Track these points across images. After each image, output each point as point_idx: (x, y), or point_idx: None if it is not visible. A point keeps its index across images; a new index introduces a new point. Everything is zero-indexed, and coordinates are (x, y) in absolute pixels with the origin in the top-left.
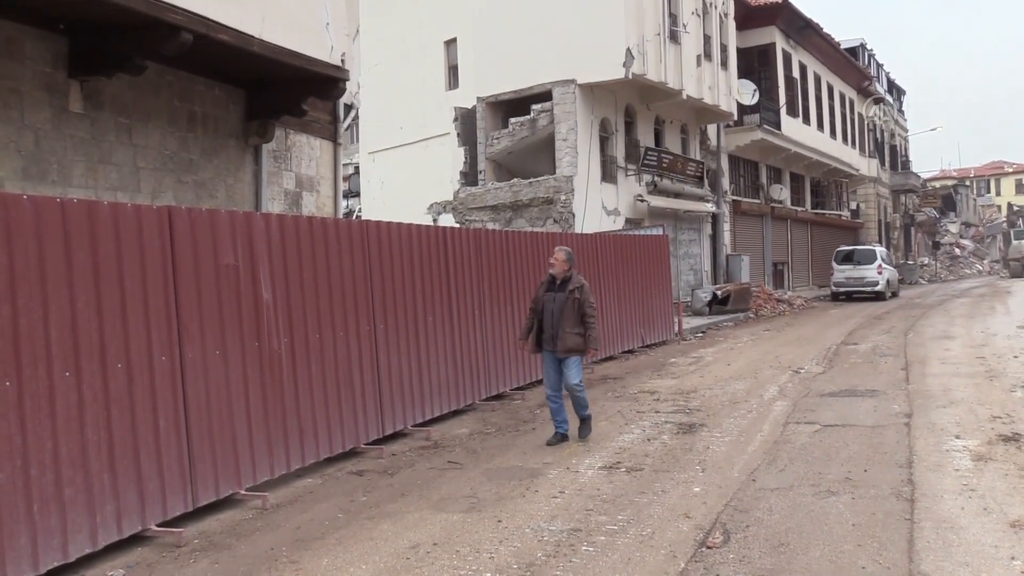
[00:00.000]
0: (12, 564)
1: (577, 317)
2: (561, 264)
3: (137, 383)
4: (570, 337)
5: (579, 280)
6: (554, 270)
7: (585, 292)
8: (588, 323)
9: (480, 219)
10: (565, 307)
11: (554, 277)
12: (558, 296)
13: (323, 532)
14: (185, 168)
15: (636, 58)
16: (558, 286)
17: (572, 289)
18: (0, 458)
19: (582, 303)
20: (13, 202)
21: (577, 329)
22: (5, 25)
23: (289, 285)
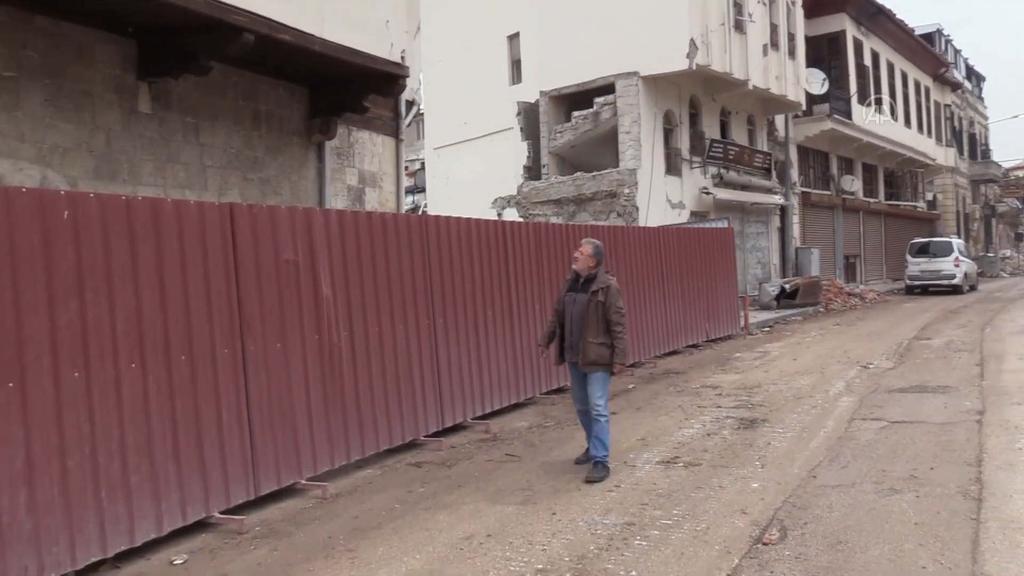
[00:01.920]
0: (81, 547)
1: (602, 324)
2: (586, 259)
3: (200, 375)
4: (592, 348)
5: (605, 280)
6: (577, 265)
7: (611, 295)
8: (614, 332)
9: (543, 213)
10: (587, 312)
11: (577, 274)
12: (579, 297)
13: (380, 522)
14: (250, 166)
15: (700, 49)
16: (581, 285)
17: (596, 290)
18: (70, 446)
19: (607, 308)
20: (80, 199)
21: (601, 339)
22: (77, 30)
23: (349, 279)
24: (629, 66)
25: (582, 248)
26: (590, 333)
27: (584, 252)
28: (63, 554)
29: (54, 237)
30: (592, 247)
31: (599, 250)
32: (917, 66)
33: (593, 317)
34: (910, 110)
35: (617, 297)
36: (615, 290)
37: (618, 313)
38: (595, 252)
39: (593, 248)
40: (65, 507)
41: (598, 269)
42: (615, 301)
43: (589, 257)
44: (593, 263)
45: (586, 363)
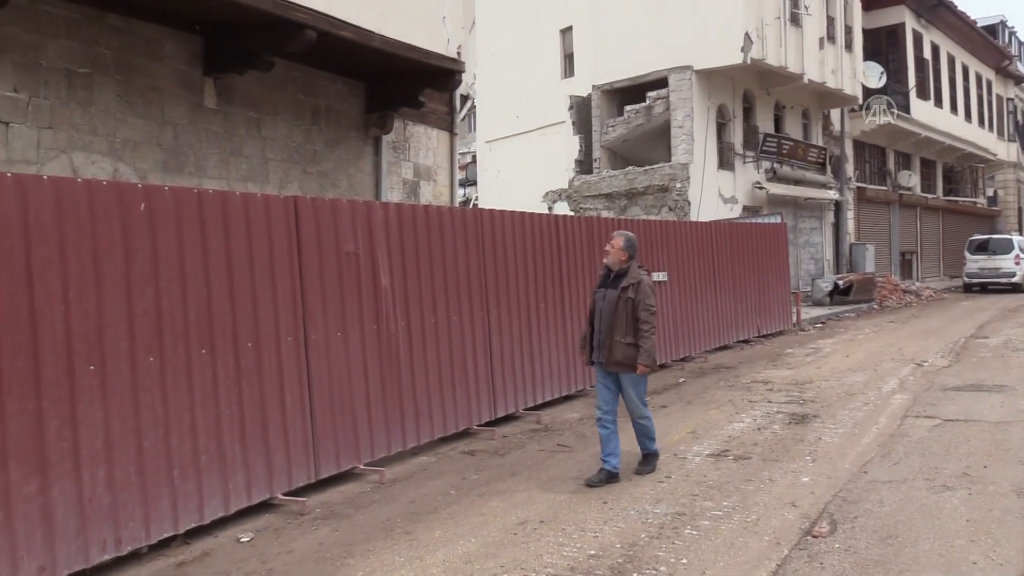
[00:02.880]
0: (155, 523)
1: (631, 322)
2: (617, 252)
3: (265, 361)
4: (618, 347)
5: (637, 275)
6: (608, 259)
7: (642, 291)
8: (642, 331)
9: (595, 207)
10: (616, 308)
11: (608, 269)
12: (609, 294)
13: (436, 506)
14: (310, 159)
15: (755, 42)
16: (611, 280)
17: (626, 286)
18: (145, 427)
19: (636, 305)
20: (156, 193)
21: (629, 338)
22: (147, 27)
23: (406, 271)
24: (682, 60)
25: (613, 241)
26: (618, 331)
27: (615, 245)
28: (138, 529)
29: (132, 228)
30: (624, 240)
31: (632, 243)
32: (979, 59)
33: (622, 314)
34: (971, 104)
35: (648, 294)
36: (647, 286)
37: (647, 311)
38: (627, 245)
39: (625, 241)
40: (140, 484)
41: (630, 264)
42: (645, 298)
43: (620, 250)
44: (625, 257)
45: (612, 363)
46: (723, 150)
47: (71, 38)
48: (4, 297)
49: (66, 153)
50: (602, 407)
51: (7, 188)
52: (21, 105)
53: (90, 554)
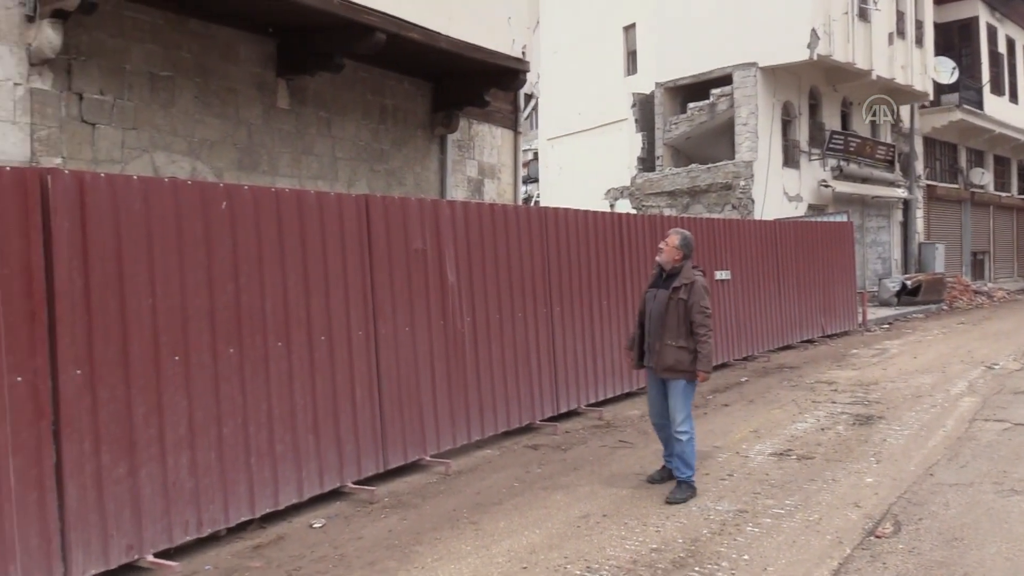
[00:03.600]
0: (234, 507)
1: (683, 325)
2: (671, 251)
3: (337, 355)
4: (669, 351)
5: (690, 275)
6: (661, 257)
7: (696, 292)
8: (698, 335)
9: (657, 205)
10: (667, 310)
11: (661, 268)
12: (660, 294)
13: (500, 498)
14: (377, 158)
15: (821, 38)
16: (663, 280)
17: (678, 287)
18: (224, 415)
19: (690, 307)
20: (236, 192)
21: (681, 342)
22: (224, 31)
23: (472, 268)
24: (747, 57)
25: (668, 238)
26: (669, 335)
27: (670, 243)
28: (218, 512)
29: (213, 226)
30: (680, 238)
31: (687, 242)
32: None
33: (674, 317)
34: None
35: (703, 295)
36: (700, 287)
37: (702, 313)
38: (683, 243)
39: (681, 239)
40: (220, 470)
41: (684, 263)
42: (699, 300)
43: (675, 249)
44: (679, 256)
45: (663, 368)
46: (788, 148)
47: (154, 42)
48: (96, 291)
49: (148, 153)
50: (655, 418)
51: (100, 187)
52: (107, 107)
53: (173, 534)
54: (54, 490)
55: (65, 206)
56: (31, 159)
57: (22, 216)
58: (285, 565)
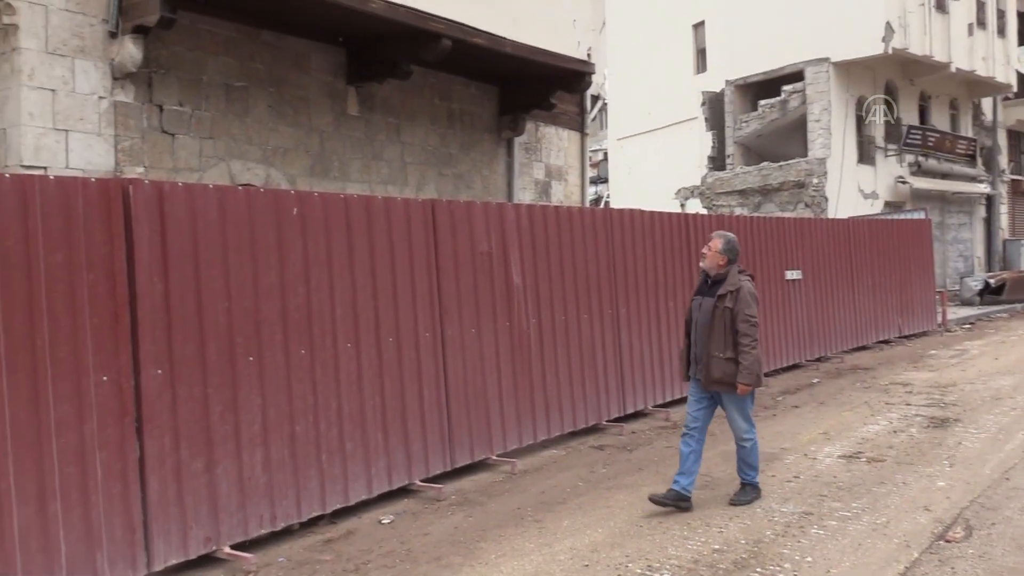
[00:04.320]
0: (306, 502)
1: (730, 335)
2: (715, 256)
3: (405, 356)
4: (716, 363)
5: (736, 281)
6: (705, 263)
7: (741, 300)
8: (741, 345)
9: (728, 204)
10: (713, 319)
11: (706, 274)
12: (704, 302)
13: (565, 497)
14: (445, 162)
15: (897, 31)
16: (709, 287)
17: (723, 294)
18: (297, 413)
19: (735, 315)
20: (306, 198)
21: (729, 352)
22: (296, 42)
23: (537, 270)
24: (819, 52)
25: (711, 242)
26: (715, 345)
27: (713, 247)
28: (291, 507)
29: (285, 232)
30: (723, 241)
31: (732, 245)
32: None
33: (719, 326)
34: None
35: (749, 303)
36: (747, 294)
37: (747, 322)
38: (727, 247)
39: (724, 242)
40: (293, 467)
41: (729, 268)
42: (745, 308)
43: (719, 253)
44: (723, 261)
45: (710, 381)
46: (863, 144)
47: (229, 55)
48: (175, 294)
49: (224, 161)
50: (689, 423)
51: (178, 196)
52: (185, 118)
53: (249, 527)
54: (137, 483)
55: (146, 214)
56: (115, 169)
57: (106, 224)
58: (354, 559)
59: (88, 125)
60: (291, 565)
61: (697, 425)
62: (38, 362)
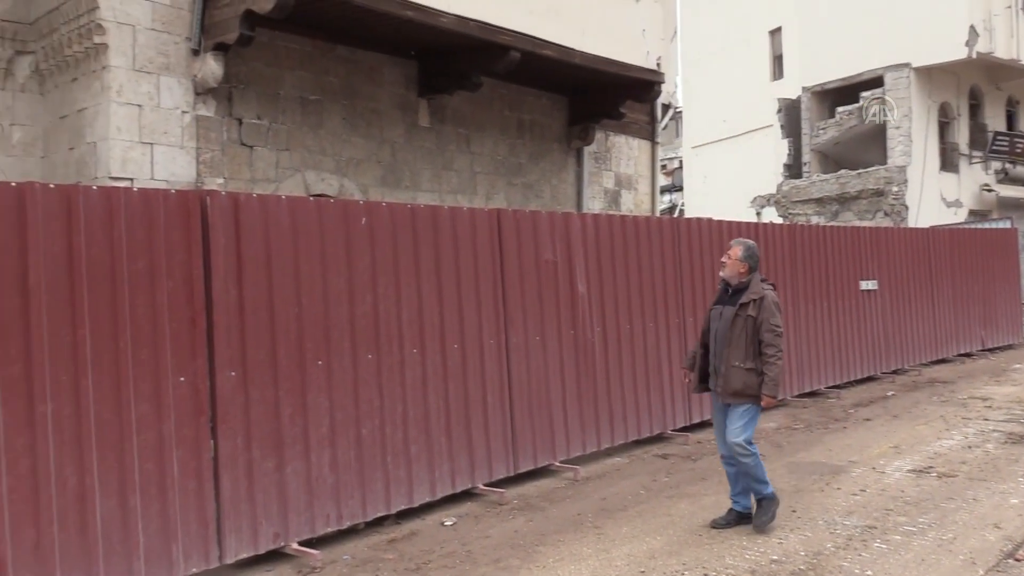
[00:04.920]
0: (371, 503)
1: (751, 346)
2: (735, 264)
3: (470, 362)
4: (735, 374)
5: (759, 290)
6: (724, 271)
7: (765, 309)
8: (766, 356)
9: (804, 212)
10: (733, 328)
11: (726, 283)
12: (725, 311)
13: (625, 505)
14: (514, 171)
15: (981, 35)
16: (729, 296)
17: (745, 303)
18: (363, 416)
19: (758, 325)
20: (375, 208)
21: (750, 363)
22: (369, 56)
23: (603, 278)
24: (899, 57)
25: (731, 250)
26: (735, 356)
27: (733, 255)
28: (356, 507)
29: (354, 241)
30: (743, 249)
31: (752, 252)
32: None
33: (741, 336)
34: None
35: (773, 312)
36: (770, 303)
37: (772, 332)
38: (747, 255)
39: (744, 250)
40: (359, 468)
41: (751, 276)
42: (770, 317)
43: (739, 261)
44: (744, 269)
45: (729, 393)
46: (946, 151)
47: (304, 69)
48: (248, 300)
49: (300, 172)
50: (723, 449)
51: (252, 207)
52: (263, 130)
53: (315, 525)
54: (211, 480)
55: (222, 224)
56: (197, 180)
57: (185, 234)
58: (416, 558)
59: (172, 138)
60: (355, 563)
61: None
62: (121, 364)
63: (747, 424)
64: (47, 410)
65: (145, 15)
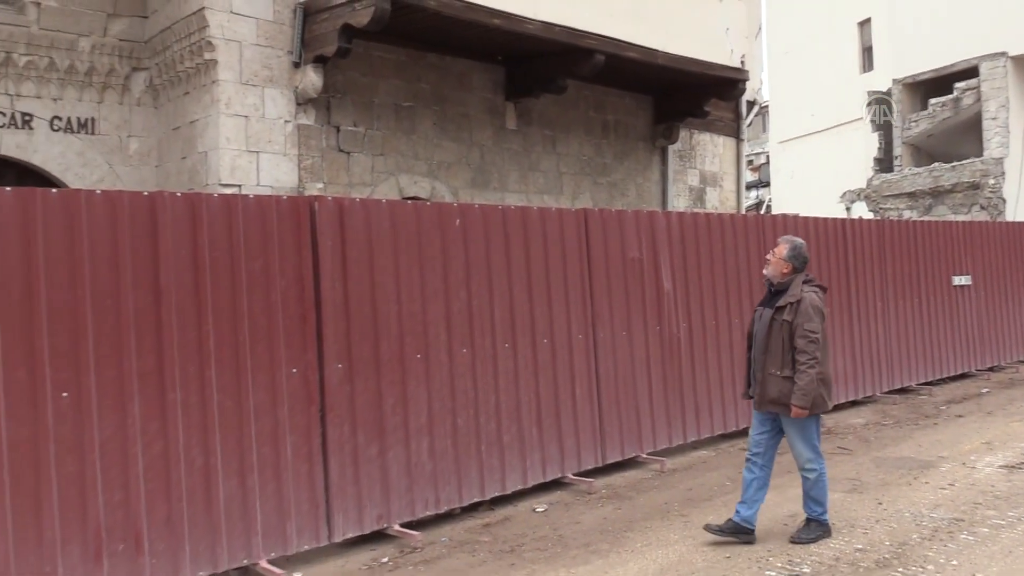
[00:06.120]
0: (466, 489)
1: (787, 351)
2: (778, 263)
3: (559, 356)
4: (773, 382)
5: (798, 292)
6: (768, 270)
7: (802, 313)
8: (797, 363)
9: (895, 207)
10: (770, 333)
11: (770, 283)
12: (764, 314)
13: (711, 495)
14: (600, 171)
15: None
16: (771, 297)
17: (782, 306)
18: (459, 407)
19: (793, 329)
20: (468, 210)
21: (787, 371)
22: (458, 62)
23: (688, 275)
24: (995, 46)
25: (776, 248)
26: (772, 362)
27: (778, 253)
28: (453, 492)
29: (449, 241)
30: (789, 247)
31: (798, 252)
32: None
33: (777, 341)
34: None
35: (810, 316)
36: (808, 306)
37: (805, 338)
38: (792, 254)
39: (790, 248)
40: (455, 455)
41: (794, 277)
42: (805, 321)
43: (783, 261)
44: (788, 269)
45: (765, 401)
46: None
47: (397, 77)
48: (353, 298)
49: (394, 175)
50: (752, 448)
51: (356, 211)
52: (359, 137)
53: (416, 509)
54: (321, 464)
55: (328, 227)
56: (298, 185)
57: (296, 236)
58: (510, 541)
59: (275, 147)
60: (453, 544)
61: (760, 451)
62: (240, 356)
63: (809, 437)
64: (176, 398)
65: (250, 31)
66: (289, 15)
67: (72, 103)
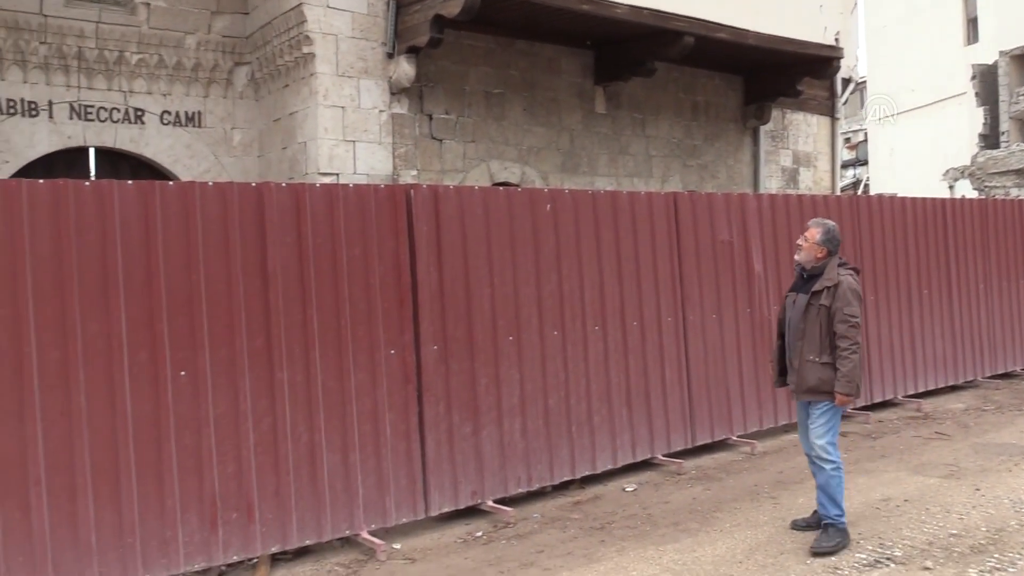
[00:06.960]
0: (557, 467)
1: (825, 337)
2: (811, 247)
3: (648, 338)
4: (811, 369)
5: (834, 276)
6: (800, 255)
7: (840, 296)
8: (839, 348)
9: (1002, 185)
10: (806, 319)
11: (802, 268)
12: (799, 299)
13: (802, 478)
14: (689, 153)
15: None
16: (804, 282)
17: (818, 290)
18: (550, 388)
19: (832, 315)
20: (558, 195)
21: (826, 357)
22: (547, 48)
23: (779, 258)
24: None
25: (808, 231)
26: (810, 349)
27: (810, 237)
28: (544, 470)
29: (540, 226)
30: (822, 230)
31: (832, 236)
32: None
33: (815, 327)
34: None
35: (849, 300)
36: (846, 290)
37: (846, 323)
38: (825, 237)
39: (823, 232)
40: (547, 435)
41: (828, 260)
42: (845, 306)
43: (816, 245)
44: (822, 253)
45: (804, 390)
46: None
47: (487, 64)
48: (447, 282)
49: (485, 162)
50: (807, 448)
51: (450, 197)
52: (451, 124)
53: (508, 486)
54: (418, 441)
55: (424, 214)
56: (393, 173)
57: (393, 222)
58: (600, 519)
59: (371, 136)
60: (544, 520)
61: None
62: (342, 338)
63: (828, 424)
64: (284, 377)
65: (346, 25)
66: (382, 7)
67: (180, 98)
